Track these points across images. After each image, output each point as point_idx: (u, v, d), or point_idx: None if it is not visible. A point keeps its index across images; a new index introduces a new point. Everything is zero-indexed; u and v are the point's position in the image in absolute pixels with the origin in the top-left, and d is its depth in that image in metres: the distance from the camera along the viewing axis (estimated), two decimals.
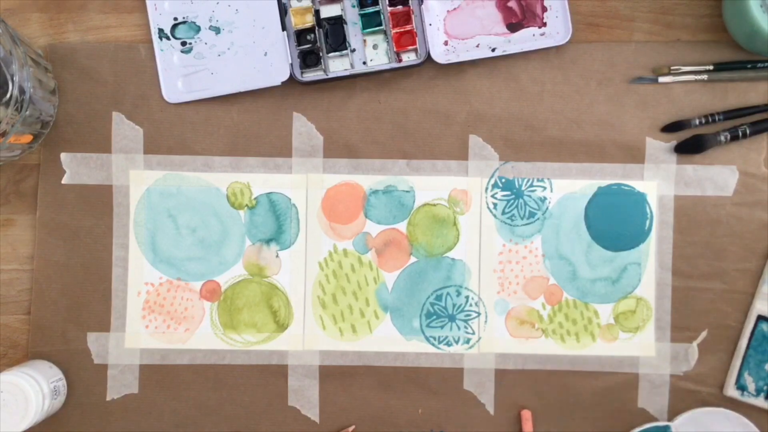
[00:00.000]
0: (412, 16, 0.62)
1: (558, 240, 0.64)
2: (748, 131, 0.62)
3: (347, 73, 0.63)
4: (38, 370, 0.60)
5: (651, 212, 0.64)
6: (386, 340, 0.64)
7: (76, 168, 0.64)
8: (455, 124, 0.64)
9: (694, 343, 0.64)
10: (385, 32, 0.63)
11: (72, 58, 0.64)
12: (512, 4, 0.63)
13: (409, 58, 0.63)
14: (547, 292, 0.64)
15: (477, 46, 0.63)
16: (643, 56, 0.64)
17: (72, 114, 0.64)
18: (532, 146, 0.64)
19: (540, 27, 0.63)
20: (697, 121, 0.63)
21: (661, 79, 0.63)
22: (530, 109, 0.64)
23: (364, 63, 0.63)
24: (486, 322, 0.64)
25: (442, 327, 0.64)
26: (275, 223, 0.64)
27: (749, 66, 0.63)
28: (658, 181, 0.64)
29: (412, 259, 0.64)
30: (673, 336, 0.64)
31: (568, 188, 0.64)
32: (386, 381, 0.64)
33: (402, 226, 0.64)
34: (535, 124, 0.64)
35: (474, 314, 0.64)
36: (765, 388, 0.63)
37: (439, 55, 0.63)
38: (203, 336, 0.64)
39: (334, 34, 0.63)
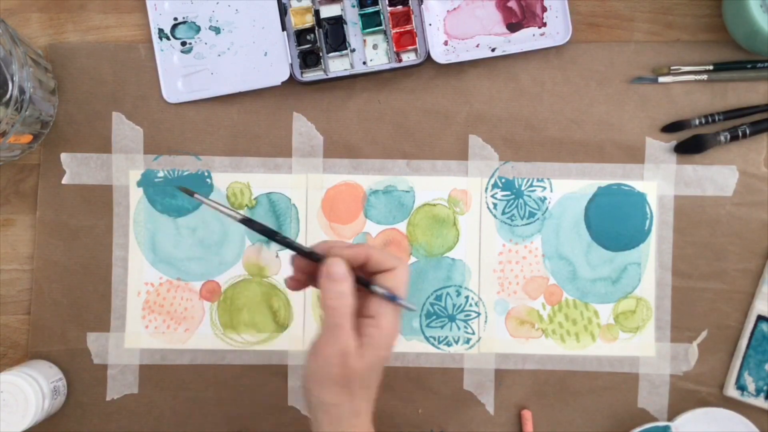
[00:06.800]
0: (412, 16, 0.62)
1: (558, 240, 0.64)
2: (748, 131, 0.62)
3: (347, 73, 0.63)
4: (38, 370, 0.60)
5: (651, 212, 0.64)
6: None
7: (76, 168, 0.64)
8: (455, 124, 0.64)
9: (694, 343, 0.64)
10: (385, 32, 0.63)
11: (72, 58, 0.64)
12: (512, 4, 0.63)
13: (409, 58, 0.63)
14: (547, 292, 0.64)
15: (477, 46, 0.63)
16: (643, 56, 0.64)
17: (72, 114, 0.64)
18: (532, 146, 0.64)
19: (540, 27, 0.63)
20: (697, 121, 0.63)
21: (661, 79, 0.63)
22: (530, 109, 0.64)
23: (364, 63, 0.63)
24: (486, 322, 0.64)
25: (442, 327, 0.64)
26: (275, 223, 0.64)
27: (749, 66, 0.63)
28: (658, 181, 0.64)
29: (412, 259, 0.64)
30: (673, 336, 0.64)
31: (568, 188, 0.64)
32: (386, 381, 0.63)
33: (402, 226, 0.64)
34: (535, 124, 0.64)
35: (474, 314, 0.64)
36: (765, 388, 0.63)
37: (439, 55, 0.63)
38: (203, 336, 0.64)
39: (334, 34, 0.63)
